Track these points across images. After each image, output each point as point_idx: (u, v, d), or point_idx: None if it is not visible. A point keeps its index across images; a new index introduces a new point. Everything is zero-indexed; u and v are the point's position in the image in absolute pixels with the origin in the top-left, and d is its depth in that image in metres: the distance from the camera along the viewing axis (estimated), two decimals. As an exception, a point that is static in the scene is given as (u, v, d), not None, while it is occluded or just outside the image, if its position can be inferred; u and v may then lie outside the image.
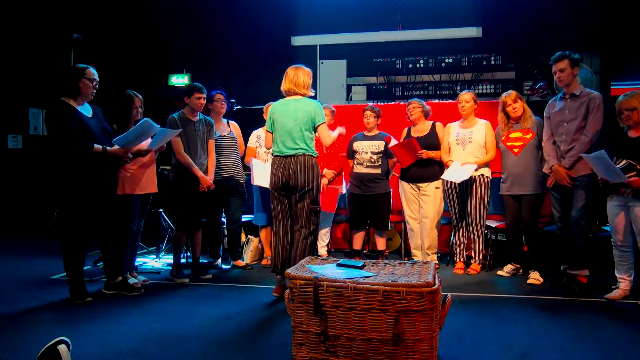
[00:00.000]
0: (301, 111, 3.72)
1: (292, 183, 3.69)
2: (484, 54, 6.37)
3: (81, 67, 3.70)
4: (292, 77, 3.78)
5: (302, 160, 3.69)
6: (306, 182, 3.68)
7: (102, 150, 3.63)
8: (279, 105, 3.83)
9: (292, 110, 3.74)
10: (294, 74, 3.79)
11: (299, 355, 2.47)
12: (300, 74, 3.79)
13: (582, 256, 3.97)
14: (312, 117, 3.72)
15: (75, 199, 3.61)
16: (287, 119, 3.73)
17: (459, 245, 4.76)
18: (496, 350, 2.77)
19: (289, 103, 3.79)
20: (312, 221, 3.76)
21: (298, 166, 3.68)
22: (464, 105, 4.61)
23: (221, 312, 3.49)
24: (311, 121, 3.72)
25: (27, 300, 3.73)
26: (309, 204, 3.71)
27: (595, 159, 3.56)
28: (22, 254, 5.57)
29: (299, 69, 3.81)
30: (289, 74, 3.81)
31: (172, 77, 7.21)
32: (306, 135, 3.72)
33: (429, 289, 2.27)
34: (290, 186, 3.70)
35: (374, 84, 6.71)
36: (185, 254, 4.98)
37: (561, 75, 3.94)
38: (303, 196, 3.71)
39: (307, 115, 3.71)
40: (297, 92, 3.78)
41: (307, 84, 3.82)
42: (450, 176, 4.54)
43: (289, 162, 3.70)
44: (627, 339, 2.95)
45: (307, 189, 3.69)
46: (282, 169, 3.71)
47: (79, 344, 2.77)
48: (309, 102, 3.76)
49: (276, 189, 3.77)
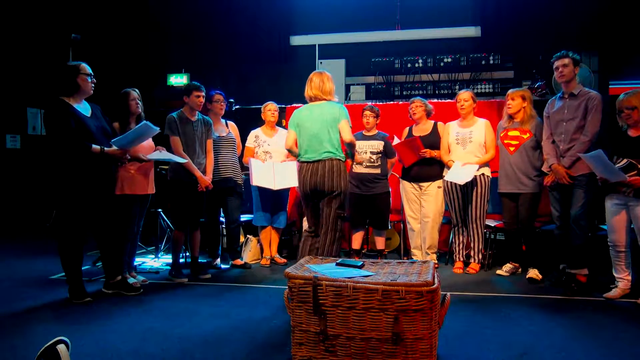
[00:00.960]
0: (327, 114, 3.74)
1: (320, 187, 3.69)
2: (482, 53, 6.37)
3: (75, 64, 3.70)
4: (319, 84, 3.79)
5: (331, 164, 3.69)
6: (334, 187, 3.68)
7: (100, 151, 3.63)
8: (305, 111, 3.85)
9: (318, 114, 3.76)
10: (320, 80, 3.80)
11: (299, 355, 2.47)
12: (325, 81, 3.80)
13: (581, 255, 3.97)
14: (337, 117, 3.73)
15: (72, 199, 3.61)
16: (313, 123, 3.76)
17: (458, 245, 4.76)
18: (495, 349, 2.77)
19: (313, 108, 3.81)
20: (338, 227, 3.75)
21: (326, 170, 3.68)
22: (463, 105, 4.61)
23: (220, 311, 3.49)
24: (336, 121, 3.73)
25: (26, 300, 3.73)
26: (335, 209, 3.70)
27: (592, 158, 3.56)
28: (20, 254, 5.56)
29: (323, 75, 3.82)
30: (314, 81, 3.81)
31: (170, 77, 7.19)
32: (333, 137, 3.73)
33: (428, 288, 2.27)
34: (319, 191, 3.71)
35: (372, 83, 6.71)
36: (184, 254, 4.98)
37: (564, 70, 3.93)
38: (331, 201, 3.70)
39: (332, 116, 3.73)
40: (323, 99, 3.80)
41: (332, 90, 3.85)
42: (453, 177, 4.53)
43: (317, 167, 3.70)
44: (626, 337, 2.95)
45: (335, 193, 3.68)
46: (310, 174, 3.72)
47: (78, 343, 2.77)
48: (334, 105, 3.80)
49: (305, 194, 3.79)
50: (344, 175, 3.73)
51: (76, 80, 3.64)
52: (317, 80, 3.81)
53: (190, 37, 7.52)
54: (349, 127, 3.78)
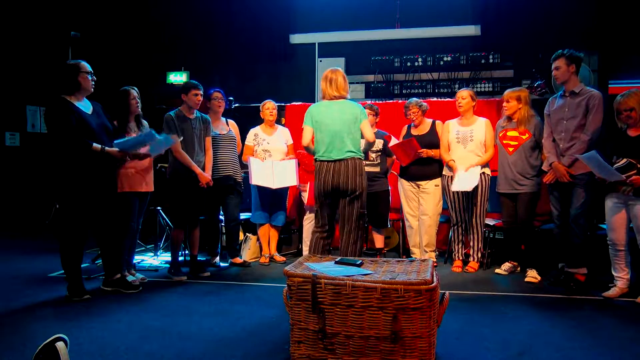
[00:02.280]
0: (347, 113, 3.74)
1: (342, 187, 3.68)
2: (482, 52, 6.37)
3: (75, 62, 3.71)
4: (342, 83, 3.79)
5: (353, 164, 3.70)
6: (357, 186, 3.69)
7: (101, 150, 3.63)
8: (323, 107, 3.81)
9: (338, 112, 3.74)
10: (342, 79, 3.80)
11: (297, 353, 2.47)
12: (340, 79, 3.79)
13: (580, 254, 3.98)
14: (359, 117, 3.74)
15: (73, 196, 3.61)
16: (333, 120, 3.73)
17: (457, 244, 4.77)
18: (494, 348, 2.78)
19: (332, 105, 3.78)
20: (361, 225, 3.77)
21: (349, 170, 3.68)
22: (460, 102, 4.61)
23: (219, 309, 3.49)
24: (358, 121, 3.74)
25: (25, 297, 3.73)
26: (358, 208, 3.72)
27: (587, 159, 3.57)
28: (19, 252, 5.55)
29: (338, 73, 3.81)
30: (337, 80, 3.79)
31: (170, 75, 7.19)
32: (356, 136, 3.74)
33: (427, 286, 2.28)
34: (341, 191, 3.70)
35: (372, 82, 6.71)
36: (183, 252, 4.99)
37: (556, 73, 3.99)
38: (353, 200, 3.71)
39: (353, 116, 3.73)
40: (340, 96, 3.79)
41: (348, 88, 3.86)
42: (460, 187, 4.50)
43: (339, 167, 3.69)
44: (624, 336, 2.95)
45: (357, 193, 3.69)
46: (331, 174, 3.70)
47: (77, 341, 2.77)
48: (353, 104, 3.81)
49: (324, 194, 3.76)
50: (365, 175, 3.77)
51: (77, 79, 3.65)
52: (340, 80, 3.80)
53: (189, 35, 7.52)
54: (370, 127, 3.83)
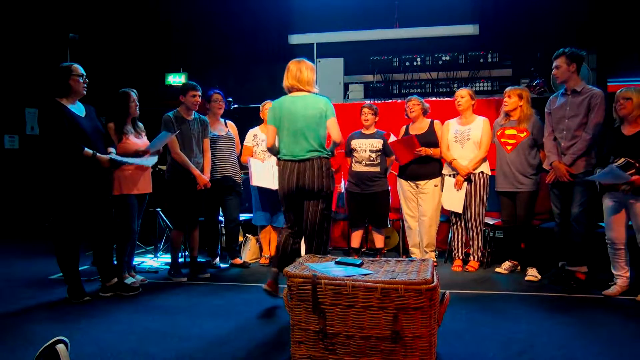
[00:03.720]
0: (311, 108, 3.44)
1: (307, 188, 3.42)
2: (481, 51, 6.36)
3: (66, 65, 3.71)
4: (295, 73, 3.48)
5: (319, 163, 3.43)
6: (323, 186, 3.43)
7: (92, 155, 3.61)
8: (286, 102, 3.52)
9: (302, 108, 3.45)
10: (297, 69, 3.49)
11: (298, 353, 2.47)
12: (303, 69, 3.49)
13: (580, 252, 3.98)
14: (324, 113, 3.45)
15: (67, 199, 3.61)
16: (296, 116, 3.45)
17: (457, 243, 4.77)
18: (495, 347, 2.78)
19: (295, 100, 3.49)
20: (325, 228, 3.52)
21: (315, 170, 3.41)
22: (460, 101, 4.62)
23: (219, 310, 3.49)
24: (323, 117, 3.45)
25: (25, 300, 3.73)
26: (322, 210, 3.47)
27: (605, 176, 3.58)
28: (19, 255, 5.56)
29: (301, 64, 3.51)
30: (291, 69, 3.51)
31: (168, 77, 7.18)
32: (321, 134, 3.46)
33: (427, 286, 2.27)
34: (306, 191, 3.43)
35: (371, 82, 6.70)
36: (183, 253, 4.98)
37: (556, 72, 4.00)
38: (317, 202, 3.46)
39: (318, 111, 3.44)
40: (301, 89, 3.50)
41: (312, 81, 3.52)
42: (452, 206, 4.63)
43: (304, 167, 3.42)
44: (625, 334, 2.96)
45: (322, 194, 3.45)
46: (295, 174, 3.43)
47: (77, 343, 2.77)
48: (319, 98, 3.50)
49: (289, 195, 3.49)
50: (332, 174, 3.51)
51: (68, 82, 3.65)
52: (294, 69, 3.49)
53: (188, 36, 7.51)
54: (337, 126, 3.50)
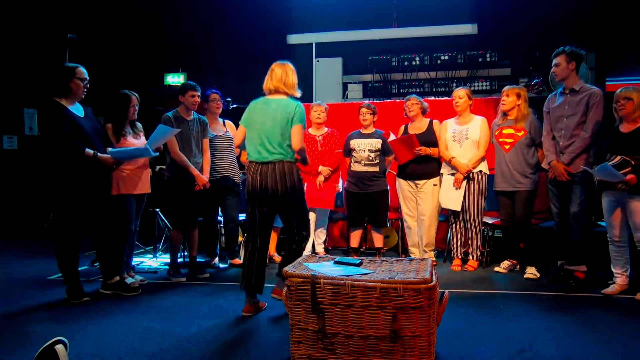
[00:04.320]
0: (281, 111, 3.37)
1: (271, 191, 3.34)
2: (479, 50, 6.37)
3: (71, 66, 3.67)
4: (281, 76, 3.45)
5: (281, 167, 3.34)
6: (288, 189, 3.34)
7: (93, 155, 3.61)
8: (260, 104, 3.48)
9: (272, 110, 3.40)
10: (283, 72, 3.46)
11: (297, 353, 2.47)
12: (289, 73, 3.47)
13: (579, 251, 3.99)
14: (292, 118, 3.36)
15: (66, 199, 3.60)
16: (266, 118, 3.39)
17: (456, 242, 4.77)
18: (494, 346, 2.78)
19: (269, 102, 3.45)
20: (304, 226, 3.46)
21: (277, 174, 3.33)
22: (458, 102, 4.63)
23: (219, 310, 3.49)
24: (289, 123, 3.36)
25: (24, 300, 3.72)
26: (296, 210, 3.41)
27: (599, 171, 3.59)
28: (18, 255, 5.55)
29: (286, 67, 3.48)
30: (275, 72, 3.47)
31: (167, 77, 7.17)
32: (286, 137, 3.37)
33: (426, 285, 2.28)
34: (270, 194, 3.35)
35: (369, 81, 6.71)
36: (182, 253, 4.98)
37: (556, 70, 4.01)
38: (288, 204, 3.38)
39: (286, 115, 3.36)
40: (284, 92, 3.46)
41: (295, 84, 3.50)
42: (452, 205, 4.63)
43: (266, 170, 3.35)
44: (624, 333, 2.96)
45: (290, 196, 3.36)
46: (259, 175, 3.36)
47: (76, 343, 2.77)
48: (291, 102, 3.43)
49: (253, 196, 3.40)
50: (298, 176, 3.41)
51: (69, 83, 3.62)
52: (279, 72, 3.45)
53: (187, 36, 7.51)
54: (300, 134, 3.38)
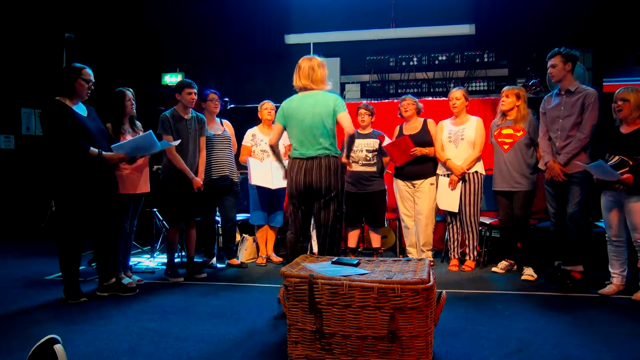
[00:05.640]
0: (320, 105, 3.36)
1: (316, 187, 3.33)
2: (477, 51, 6.37)
3: (78, 67, 3.65)
4: (308, 72, 3.40)
5: (327, 162, 3.34)
6: (331, 187, 3.34)
7: (98, 154, 3.60)
8: (295, 101, 3.47)
9: (310, 105, 3.38)
10: (309, 67, 3.40)
11: (295, 353, 2.47)
12: (316, 68, 3.41)
13: (576, 252, 4.00)
14: (333, 108, 3.36)
15: (72, 200, 3.59)
16: (305, 115, 3.37)
17: (453, 242, 4.78)
18: (491, 346, 2.78)
19: (304, 98, 3.42)
20: (338, 229, 3.45)
21: (323, 169, 3.32)
22: (455, 103, 4.63)
23: (216, 311, 3.49)
24: (332, 113, 3.36)
25: (21, 300, 3.72)
26: (334, 210, 3.39)
27: (594, 168, 3.60)
28: (15, 255, 5.54)
29: (313, 61, 3.42)
30: (303, 68, 3.42)
31: (165, 76, 7.16)
32: (330, 131, 3.38)
33: (423, 285, 2.28)
34: (314, 190, 3.35)
35: (367, 81, 6.70)
36: (180, 253, 4.98)
37: (553, 71, 4.01)
38: (328, 202, 3.38)
39: (327, 108, 3.36)
40: (312, 89, 3.43)
41: (324, 78, 3.43)
42: (449, 207, 4.63)
43: (311, 165, 3.34)
44: (621, 333, 2.97)
45: (332, 194, 3.36)
46: (303, 172, 3.35)
47: (73, 344, 2.76)
48: (328, 95, 3.42)
49: (297, 195, 3.41)
50: (342, 174, 3.43)
51: (73, 84, 3.60)
52: (305, 67, 3.42)
53: (184, 36, 7.49)
54: (349, 119, 3.40)
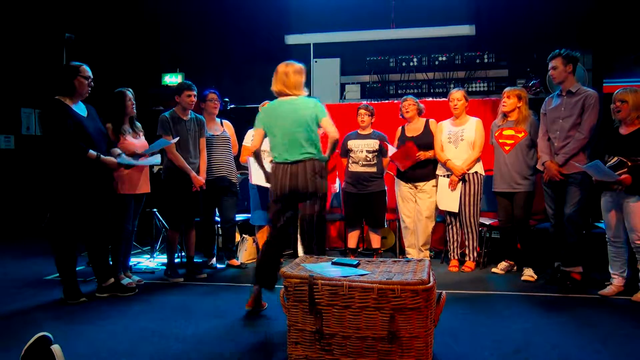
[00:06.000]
0: (302, 110, 3.36)
1: (302, 190, 3.31)
2: (477, 52, 6.37)
3: (75, 65, 3.66)
4: (282, 77, 3.40)
5: (312, 165, 3.32)
6: (317, 189, 3.32)
7: (96, 157, 3.59)
8: (275, 107, 3.44)
9: (291, 111, 3.36)
10: (283, 73, 3.40)
11: (295, 354, 2.47)
12: (290, 74, 3.39)
13: (575, 253, 3.99)
14: (316, 114, 3.35)
15: (68, 200, 3.59)
16: (286, 120, 3.36)
17: (453, 243, 4.77)
18: (491, 346, 2.78)
19: (283, 104, 3.41)
20: (323, 230, 3.45)
21: (307, 173, 3.30)
22: (456, 104, 4.63)
23: (216, 311, 3.49)
24: (315, 118, 3.35)
25: (20, 301, 3.72)
26: (319, 211, 3.37)
27: (590, 168, 3.60)
28: (15, 255, 5.54)
29: (289, 67, 3.40)
30: (278, 73, 3.42)
31: (165, 77, 7.16)
32: (313, 136, 3.37)
33: (423, 286, 2.28)
34: (300, 194, 3.33)
35: (367, 82, 6.71)
36: (180, 254, 4.98)
37: (553, 72, 4.01)
38: (313, 204, 3.36)
39: (309, 113, 3.35)
40: (288, 94, 3.41)
41: (299, 84, 3.42)
42: (449, 207, 4.64)
43: (296, 169, 3.31)
44: (620, 334, 2.97)
45: (318, 195, 3.34)
46: (288, 176, 3.32)
47: (72, 344, 2.76)
48: (308, 100, 3.42)
49: (281, 198, 3.37)
50: (326, 176, 3.41)
51: (73, 82, 3.61)
52: (281, 73, 3.40)
53: (184, 36, 7.50)
54: (332, 122, 3.40)
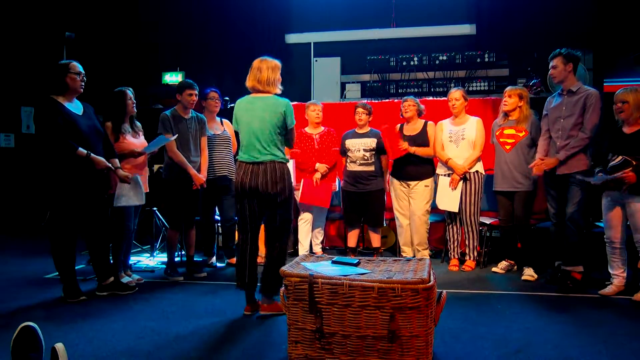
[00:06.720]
0: (270, 111, 3.27)
1: (262, 191, 3.24)
2: (477, 51, 6.37)
3: (64, 62, 3.69)
4: (255, 73, 3.32)
5: (272, 167, 3.25)
6: (279, 192, 3.26)
7: (86, 155, 3.57)
8: (244, 104, 3.39)
9: (260, 109, 3.29)
10: (257, 69, 3.32)
11: (295, 353, 2.47)
12: (263, 69, 3.31)
13: (576, 252, 3.99)
14: (283, 119, 3.29)
15: (62, 198, 3.59)
16: (252, 118, 3.29)
17: (453, 242, 4.77)
18: (491, 346, 2.78)
19: (254, 101, 3.34)
20: (286, 232, 3.39)
21: (268, 174, 3.24)
22: (455, 104, 4.63)
23: (216, 309, 3.48)
24: (282, 123, 3.30)
25: (20, 299, 3.72)
26: (282, 214, 3.33)
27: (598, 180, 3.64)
28: (15, 253, 5.54)
29: (262, 62, 3.33)
30: (253, 69, 3.34)
31: (165, 75, 7.15)
32: (276, 138, 3.30)
33: (424, 285, 2.28)
34: (261, 194, 3.26)
35: (368, 81, 6.70)
36: (180, 252, 4.97)
37: (553, 72, 4.02)
38: (275, 208, 3.30)
39: (277, 115, 3.28)
40: (260, 90, 3.34)
41: (272, 81, 3.32)
42: (450, 206, 4.62)
43: (257, 170, 3.25)
44: (621, 334, 2.96)
45: (280, 199, 3.28)
46: (249, 175, 3.26)
47: (72, 342, 2.76)
48: (279, 102, 3.32)
49: (243, 194, 3.30)
50: (289, 179, 3.34)
51: (65, 80, 3.62)
52: (254, 68, 3.33)
53: (185, 35, 7.49)
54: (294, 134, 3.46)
